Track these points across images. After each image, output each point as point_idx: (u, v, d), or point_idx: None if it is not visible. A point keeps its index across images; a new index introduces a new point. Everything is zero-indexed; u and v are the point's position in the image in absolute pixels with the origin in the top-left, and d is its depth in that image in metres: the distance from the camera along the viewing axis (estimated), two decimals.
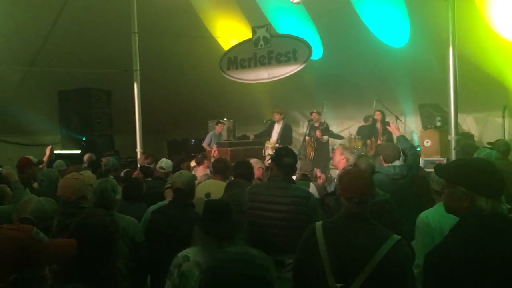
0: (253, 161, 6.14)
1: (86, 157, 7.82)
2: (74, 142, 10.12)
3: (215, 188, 4.44)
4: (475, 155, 3.97)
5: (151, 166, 6.61)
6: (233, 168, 4.69)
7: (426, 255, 1.99)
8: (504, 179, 1.97)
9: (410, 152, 4.79)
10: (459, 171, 2.01)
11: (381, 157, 4.91)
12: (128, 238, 3.43)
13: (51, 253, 1.81)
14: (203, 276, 1.77)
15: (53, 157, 7.61)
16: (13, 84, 10.44)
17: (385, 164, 4.64)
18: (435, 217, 3.25)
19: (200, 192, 4.33)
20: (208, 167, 6.62)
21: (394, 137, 9.59)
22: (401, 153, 4.77)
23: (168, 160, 6.06)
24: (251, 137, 10.47)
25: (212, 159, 7.05)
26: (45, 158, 7.25)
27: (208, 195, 4.22)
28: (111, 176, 6.02)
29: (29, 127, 11.14)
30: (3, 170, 5.10)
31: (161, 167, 5.87)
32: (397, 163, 4.64)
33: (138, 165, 7.46)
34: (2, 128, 11.41)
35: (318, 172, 6.10)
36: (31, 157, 6.08)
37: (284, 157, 3.45)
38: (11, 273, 1.64)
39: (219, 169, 4.90)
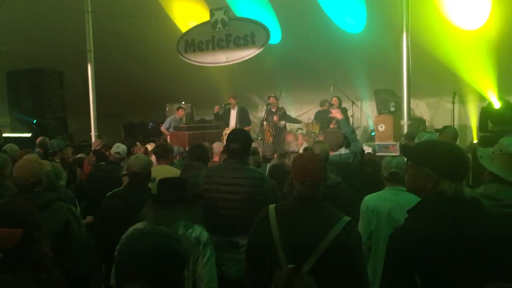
0: (216, 144, 6.15)
1: (38, 140, 7.53)
2: (24, 125, 9.73)
3: (159, 172, 4.41)
4: (416, 139, 4.10)
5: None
6: (189, 151, 4.69)
7: (390, 238, 2.03)
8: (469, 164, 2.03)
9: (350, 137, 4.91)
10: (426, 153, 2.04)
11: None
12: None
13: None
14: (117, 249, 1.78)
15: (2, 141, 7.33)
16: None
17: (331, 153, 4.57)
18: (375, 200, 3.46)
19: None
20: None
21: (352, 121, 9.83)
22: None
23: (124, 145, 5.96)
24: (216, 109, 10.42)
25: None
26: None
27: (153, 180, 4.18)
28: (56, 160, 5.89)
29: None
30: None
31: (117, 152, 5.76)
32: (343, 150, 4.66)
33: (92, 149, 7.29)
34: None
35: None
36: None
37: (231, 142, 3.46)
38: None
39: (160, 154, 5.00)
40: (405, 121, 6.95)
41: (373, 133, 9.48)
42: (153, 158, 6.49)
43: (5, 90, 10.00)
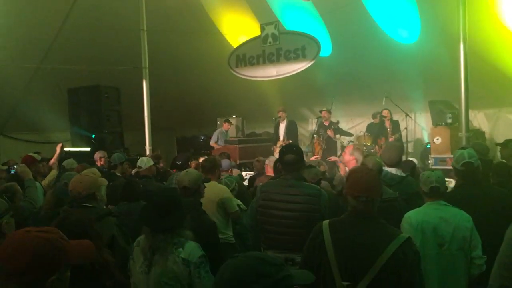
0: (269, 159, 6.18)
1: (96, 155, 7.79)
2: (84, 140, 10.14)
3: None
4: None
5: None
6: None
7: None
8: None
9: None
10: None
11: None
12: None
13: (75, 253, 1.83)
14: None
15: (63, 155, 7.66)
16: (24, 82, 10.50)
17: (387, 168, 4.37)
18: (418, 216, 3.29)
19: None
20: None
21: (405, 133, 9.58)
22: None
23: (144, 158, 6.11)
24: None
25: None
26: (55, 156, 7.29)
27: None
28: (117, 173, 6.08)
29: (39, 125, 11.21)
30: (16, 168, 5.16)
31: (139, 166, 5.94)
32: (394, 170, 4.36)
33: None
34: (12, 126, 11.52)
35: (322, 167, 6.01)
36: (34, 154, 6.13)
37: (285, 155, 3.46)
38: (49, 275, 1.66)
39: (208, 169, 4.94)
40: (463, 133, 6.66)
41: (428, 146, 9.18)
42: None
43: (67, 106, 10.49)
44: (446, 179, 3.55)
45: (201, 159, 7.55)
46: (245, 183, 6.79)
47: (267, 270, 1.39)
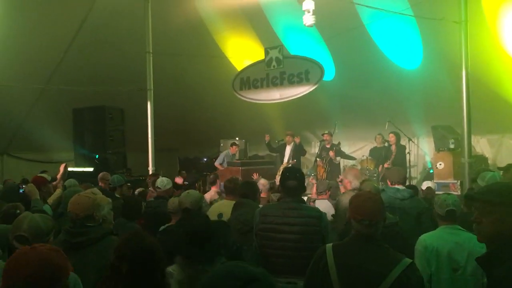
0: (262, 181, 6.16)
1: (100, 175, 7.81)
2: (87, 160, 10.19)
3: (227, 208, 4.45)
4: (479, 179, 3.94)
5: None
6: (239, 188, 4.69)
7: None
8: None
9: None
10: None
11: (388, 180, 5.05)
12: None
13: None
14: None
15: (67, 175, 7.67)
16: (29, 102, 10.61)
17: (390, 185, 4.75)
18: (433, 240, 3.32)
19: (212, 213, 4.33)
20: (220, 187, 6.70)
21: (408, 158, 9.58)
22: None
23: (164, 179, 6.08)
24: (267, 138, 10.50)
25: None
26: (59, 176, 7.30)
27: (220, 215, 4.22)
28: (117, 194, 6.08)
29: (43, 145, 11.29)
30: (24, 187, 5.16)
31: (157, 187, 5.91)
32: (400, 186, 4.72)
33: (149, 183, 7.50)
34: (17, 145, 11.59)
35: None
36: (44, 175, 6.14)
37: (288, 180, 3.44)
38: None
39: (230, 190, 4.91)
40: (466, 159, 6.67)
41: (431, 171, 9.17)
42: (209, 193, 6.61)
43: (71, 126, 10.57)
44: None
45: None
46: None
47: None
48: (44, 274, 1.71)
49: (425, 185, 6.83)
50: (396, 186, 4.67)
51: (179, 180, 9.25)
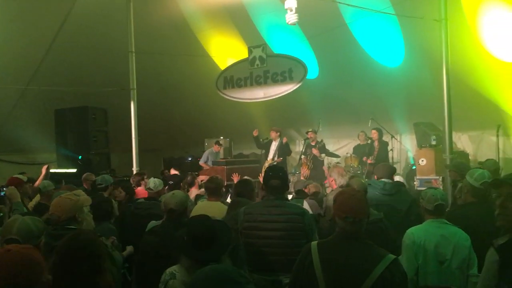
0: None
1: (84, 176, 7.69)
2: (70, 161, 10.07)
3: (210, 209, 4.41)
4: (467, 176, 4.02)
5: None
6: (235, 187, 4.65)
7: None
8: None
9: None
10: None
11: (375, 176, 5.13)
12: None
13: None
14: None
15: (49, 176, 7.58)
16: (10, 103, 10.45)
17: (382, 179, 4.82)
18: (420, 234, 3.38)
19: (195, 214, 4.31)
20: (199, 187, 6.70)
21: (391, 154, 9.69)
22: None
23: (156, 180, 5.99)
24: (255, 133, 10.41)
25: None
26: (40, 177, 7.22)
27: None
28: (105, 194, 6.00)
29: (25, 146, 11.13)
30: (5, 190, 5.10)
31: (149, 188, 5.83)
32: (386, 180, 4.82)
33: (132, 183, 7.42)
34: None
35: (312, 187, 6.07)
36: (20, 176, 6.06)
37: (271, 179, 3.45)
38: None
39: (212, 190, 4.81)
40: (447, 155, 6.79)
41: (414, 167, 9.29)
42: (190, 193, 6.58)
43: (53, 127, 10.44)
44: None
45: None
46: None
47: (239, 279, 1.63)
48: (22, 273, 1.74)
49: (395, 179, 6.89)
50: (383, 180, 4.78)
51: (174, 171, 9.28)
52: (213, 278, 1.67)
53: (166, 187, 6.31)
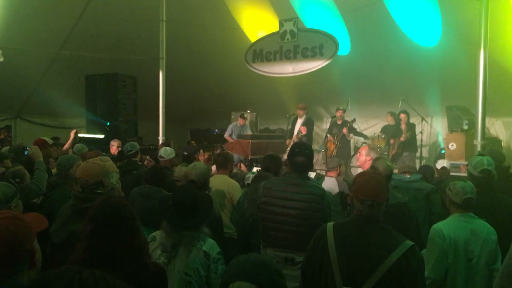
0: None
1: (112, 142, 7.76)
2: (98, 127, 10.23)
3: (217, 181, 4.49)
4: (468, 165, 3.85)
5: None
6: (262, 161, 4.68)
7: None
8: None
9: None
10: None
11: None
12: None
13: (33, 229, 1.96)
14: None
15: (77, 141, 7.72)
16: (42, 67, 10.62)
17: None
18: (450, 229, 3.18)
19: None
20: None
21: (420, 137, 9.47)
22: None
23: (167, 148, 5.99)
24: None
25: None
26: (69, 142, 7.37)
27: (210, 190, 4.22)
28: (136, 159, 6.07)
29: (55, 110, 11.35)
30: (29, 149, 5.24)
31: (161, 156, 5.84)
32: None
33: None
34: (29, 110, 11.67)
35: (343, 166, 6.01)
36: (46, 138, 6.19)
37: (296, 155, 3.39)
38: (17, 253, 1.82)
39: (220, 163, 4.93)
40: (478, 141, 6.56)
41: (443, 151, 9.06)
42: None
43: (83, 93, 10.58)
44: None
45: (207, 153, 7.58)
46: None
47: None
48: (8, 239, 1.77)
49: (440, 164, 6.61)
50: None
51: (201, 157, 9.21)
52: (264, 263, 1.73)
53: None
